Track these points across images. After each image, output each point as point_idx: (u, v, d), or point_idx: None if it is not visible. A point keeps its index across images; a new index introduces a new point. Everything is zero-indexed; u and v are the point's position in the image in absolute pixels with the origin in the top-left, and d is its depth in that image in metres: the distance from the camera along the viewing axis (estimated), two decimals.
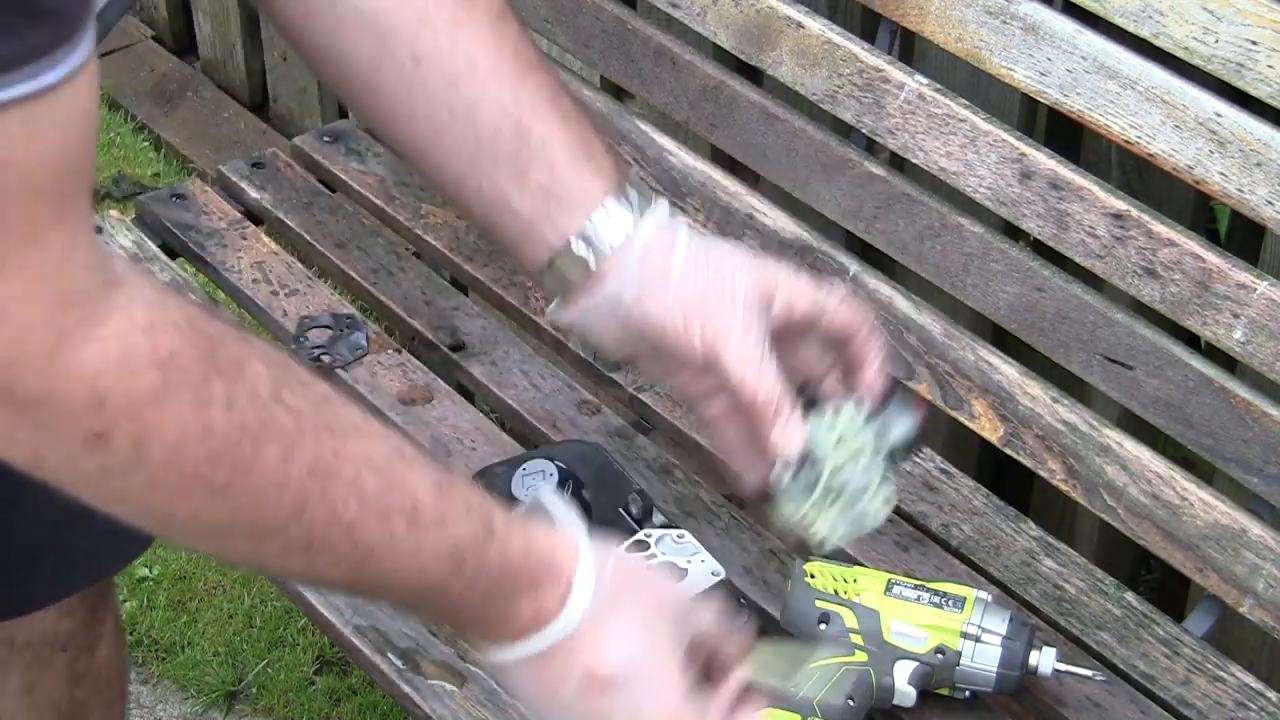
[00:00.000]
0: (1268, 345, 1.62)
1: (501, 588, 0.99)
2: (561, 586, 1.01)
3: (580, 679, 1.02)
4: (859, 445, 1.17)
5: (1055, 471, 1.75)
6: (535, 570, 1.01)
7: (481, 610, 0.99)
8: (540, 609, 1.01)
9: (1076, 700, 1.59)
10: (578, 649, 1.02)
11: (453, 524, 0.96)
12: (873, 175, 1.87)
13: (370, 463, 0.92)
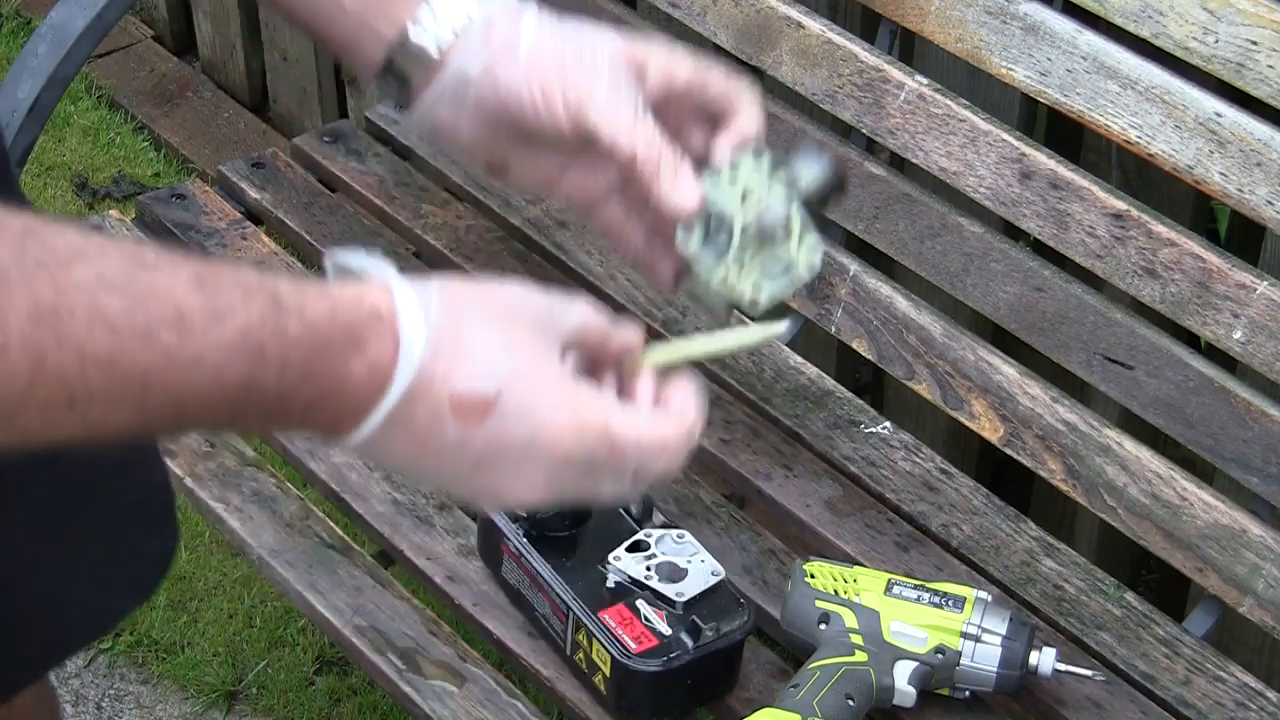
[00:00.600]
0: (1268, 345, 1.62)
1: (320, 359, 0.85)
2: (387, 328, 0.87)
3: (453, 413, 0.88)
4: (768, 196, 1.06)
5: (1055, 471, 1.75)
6: (351, 324, 0.86)
7: (313, 393, 0.85)
8: (375, 362, 0.87)
9: (1076, 700, 1.59)
10: (434, 383, 0.88)
11: (232, 313, 0.82)
12: (873, 175, 1.87)
13: (105, 283, 0.78)
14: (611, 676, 1.54)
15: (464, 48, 1.05)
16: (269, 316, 0.83)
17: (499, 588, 1.67)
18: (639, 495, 1.01)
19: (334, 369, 0.85)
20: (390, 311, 0.87)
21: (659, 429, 0.95)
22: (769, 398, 1.87)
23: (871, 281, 1.87)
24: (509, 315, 0.92)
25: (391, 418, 0.87)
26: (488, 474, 0.92)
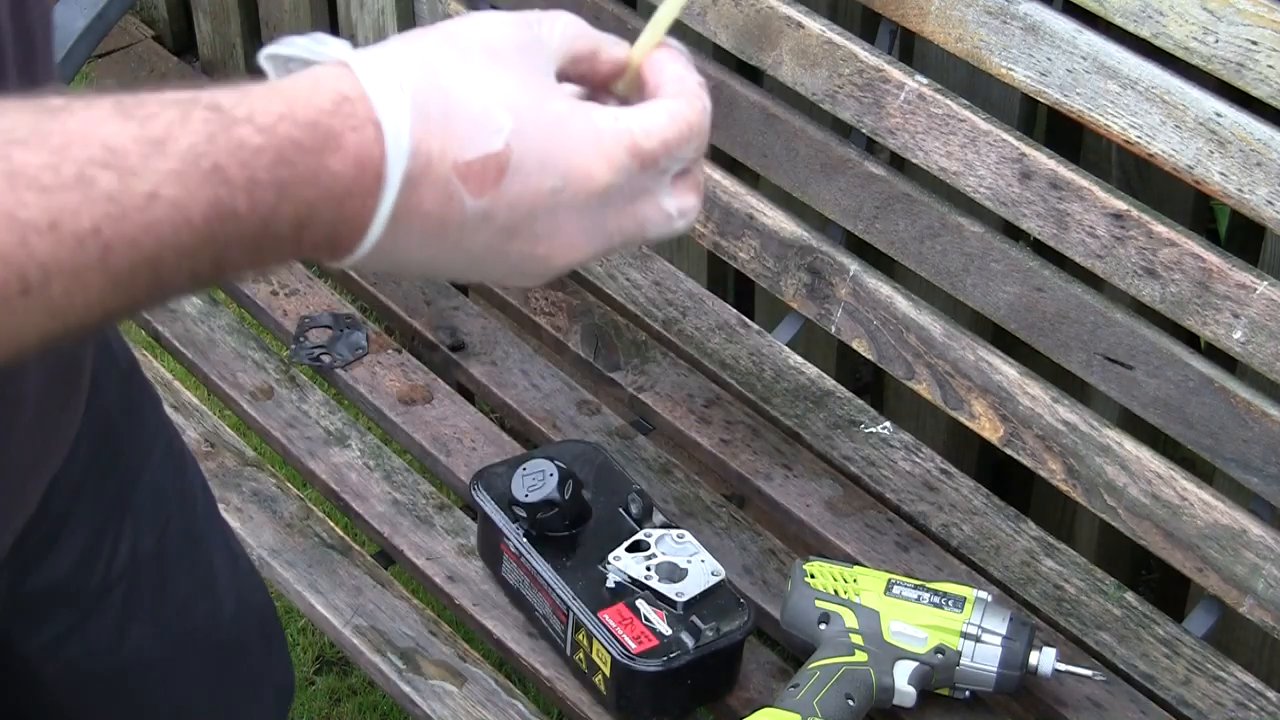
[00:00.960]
0: (1268, 345, 1.62)
1: (292, 167, 0.73)
2: (361, 111, 0.74)
3: (466, 180, 0.76)
4: None
5: (1055, 471, 1.75)
6: (315, 119, 0.73)
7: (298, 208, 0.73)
8: (359, 154, 0.74)
9: (1076, 700, 1.59)
10: (433, 159, 0.75)
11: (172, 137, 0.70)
12: (873, 175, 1.87)
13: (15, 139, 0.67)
14: (611, 676, 1.54)
15: None
16: (217, 131, 0.71)
17: (499, 588, 1.67)
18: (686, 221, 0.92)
19: (312, 174, 0.73)
20: (358, 91, 0.74)
21: (679, 116, 0.86)
22: (769, 398, 1.87)
23: (871, 281, 1.87)
24: (491, 54, 0.79)
25: (397, 214, 0.75)
26: (524, 241, 0.80)
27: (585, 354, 1.92)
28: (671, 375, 1.89)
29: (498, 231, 0.78)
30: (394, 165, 0.74)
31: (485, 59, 0.78)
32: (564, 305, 1.97)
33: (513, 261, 0.81)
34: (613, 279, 1.99)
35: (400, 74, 0.75)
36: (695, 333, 1.94)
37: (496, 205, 0.77)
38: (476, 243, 0.78)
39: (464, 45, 0.78)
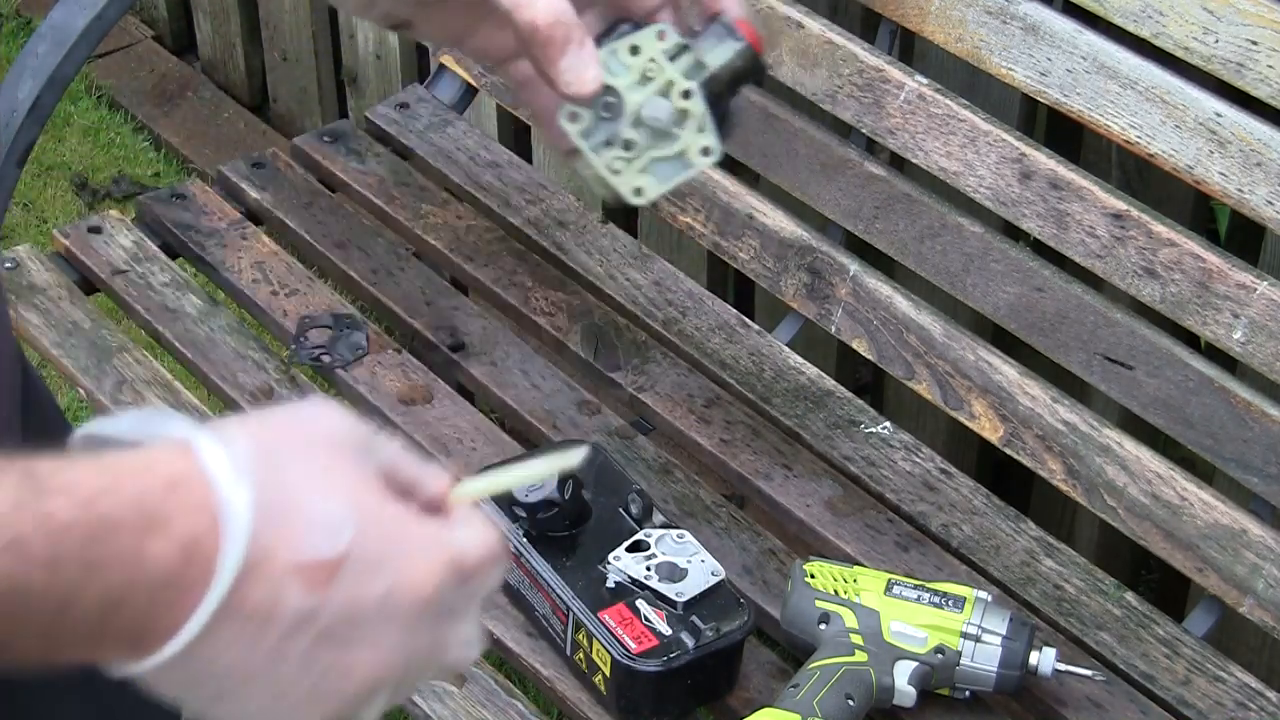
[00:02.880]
0: (1268, 345, 1.62)
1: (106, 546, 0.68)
2: (197, 495, 0.69)
3: (299, 583, 0.71)
4: (666, 80, 0.96)
5: (1055, 471, 1.75)
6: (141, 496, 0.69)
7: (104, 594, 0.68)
8: (188, 540, 0.69)
9: (1076, 700, 1.59)
10: (272, 554, 0.71)
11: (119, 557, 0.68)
12: (873, 175, 1.87)
13: None
14: (611, 676, 1.54)
15: None
16: (26, 499, 0.67)
17: (499, 588, 1.66)
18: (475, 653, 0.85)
19: (129, 556, 0.68)
20: (197, 474, 0.69)
21: (486, 538, 0.80)
22: (769, 398, 1.87)
23: (871, 281, 1.87)
24: (334, 448, 0.75)
25: (221, 609, 0.70)
26: (337, 648, 0.75)
27: (585, 354, 1.92)
28: (671, 375, 1.89)
29: (316, 636, 0.73)
30: (230, 557, 0.69)
31: (329, 453, 0.75)
32: (564, 305, 1.97)
33: (315, 676, 0.74)
34: (613, 279, 1.99)
35: (244, 460, 0.70)
36: (695, 333, 1.94)
37: (323, 606, 0.73)
38: (292, 649, 0.73)
39: (308, 435, 0.75)
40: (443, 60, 2.22)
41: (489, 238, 2.05)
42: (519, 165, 2.15)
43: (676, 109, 0.94)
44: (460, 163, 2.14)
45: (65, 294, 1.98)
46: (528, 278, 2.00)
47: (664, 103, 0.95)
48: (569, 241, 2.04)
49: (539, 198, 2.10)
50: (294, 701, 0.75)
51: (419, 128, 2.18)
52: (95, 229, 2.06)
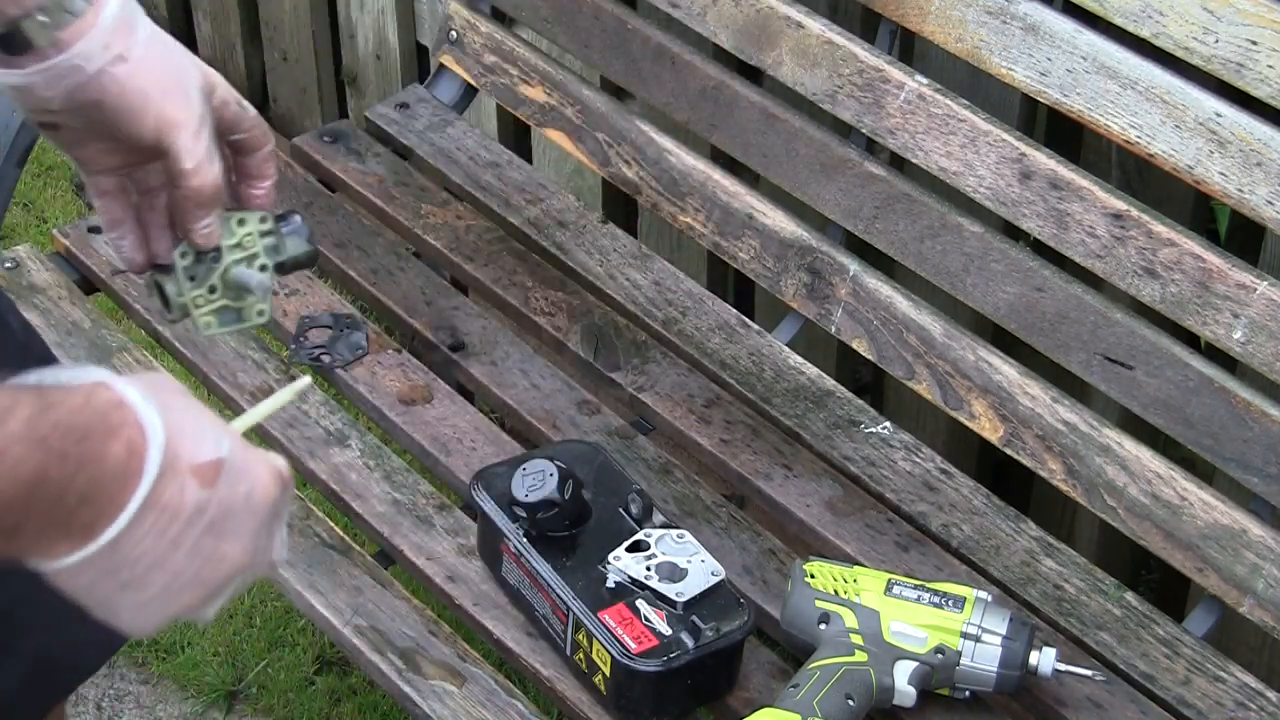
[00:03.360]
0: (1268, 345, 1.62)
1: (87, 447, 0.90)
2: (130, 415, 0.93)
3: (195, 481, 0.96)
4: (255, 252, 1.26)
5: (1055, 471, 1.75)
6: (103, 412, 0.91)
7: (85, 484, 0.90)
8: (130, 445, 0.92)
9: (1076, 700, 1.59)
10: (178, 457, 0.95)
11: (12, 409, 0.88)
12: (873, 175, 1.87)
13: None
14: (611, 676, 1.54)
15: (87, 40, 1.15)
16: (42, 410, 0.88)
17: (499, 588, 1.67)
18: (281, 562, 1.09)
19: (98, 456, 0.90)
20: (126, 400, 0.92)
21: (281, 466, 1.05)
22: (769, 398, 1.87)
23: (871, 281, 1.88)
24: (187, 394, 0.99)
25: (147, 500, 0.93)
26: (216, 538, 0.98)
27: (585, 354, 1.92)
28: (671, 375, 1.89)
29: (204, 527, 0.97)
30: (153, 458, 0.92)
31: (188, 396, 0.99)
32: (564, 305, 1.97)
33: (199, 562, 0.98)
34: (613, 279, 1.99)
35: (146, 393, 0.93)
36: (695, 333, 1.94)
37: (210, 501, 0.96)
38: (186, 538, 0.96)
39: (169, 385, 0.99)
40: (443, 60, 2.22)
41: (489, 238, 2.05)
42: (519, 165, 2.15)
43: (252, 283, 1.25)
44: (460, 163, 2.14)
45: (65, 294, 1.98)
46: (528, 278, 2.00)
47: (249, 271, 1.25)
48: (569, 241, 2.04)
49: (539, 198, 2.10)
50: (180, 586, 0.98)
51: (419, 128, 2.18)
52: (95, 229, 2.06)
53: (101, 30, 1.16)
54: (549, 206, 2.08)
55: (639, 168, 2.03)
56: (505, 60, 2.15)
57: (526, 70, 2.13)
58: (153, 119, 1.18)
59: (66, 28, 1.16)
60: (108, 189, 1.24)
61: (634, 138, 2.04)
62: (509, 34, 2.17)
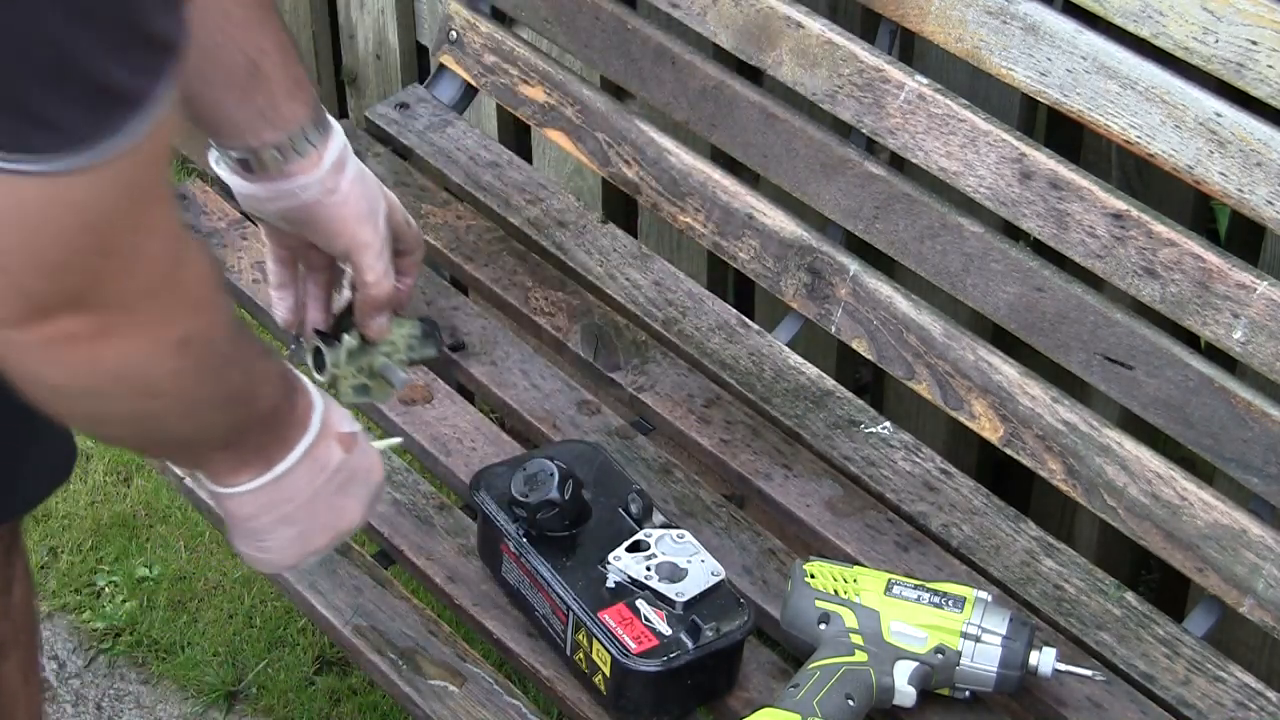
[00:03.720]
0: (1268, 345, 1.62)
1: (290, 398, 1.32)
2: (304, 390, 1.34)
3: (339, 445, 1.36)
4: (399, 349, 1.58)
5: (1055, 471, 1.75)
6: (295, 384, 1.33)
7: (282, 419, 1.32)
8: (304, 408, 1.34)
9: (1076, 700, 1.59)
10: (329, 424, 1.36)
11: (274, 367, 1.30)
12: (873, 175, 1.87)
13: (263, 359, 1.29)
14: (611, 676, 1.54)
15: (309, 178, 1.45)
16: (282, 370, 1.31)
17: (499, 588, 1.67)
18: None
19: (292, 407, 1.32)
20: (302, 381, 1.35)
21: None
22: (769, 398, 1.87)
23: (871, 281, 1.88)
24: None
25: (308, 449, 1.33)
26: (346, 496, 1.39)
27: (585, 354, 1.92)
28: (671, 375, 1.89)
29: (340, 484, 1.37)
30: (316, 416, 1.34)
31: None
32: (564, 305, 1.97)
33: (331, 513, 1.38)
34: (613, 279, 1.99)
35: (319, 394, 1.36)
36: (695, 333, 1.94)
37: (345, 463, 1.37)
38: (326, 489, 1.36)
39: None
40: (443, 60, 2.22)
41: (489, 238, 2.05)
42: (519, 165, 2.15)
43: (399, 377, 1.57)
44: (460, 163, 2.14)
45: None
46: (528, 278, 2.00)
47: (395, 368, 1.57)
48: (569, 241, 2.04)
49: (539, 198, 2.10)
50: (316, 529, 1.38)
51: (419, 128, 2.18)
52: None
53: (321, 170, 1.45)
54: (549, 206, 2.08)
55: (639, 168, 2.03)
56: (505, 60, 2.15)
57: (526, 70, 2.13)
58: (347, 240, 1.48)
59: (294, 164, 1.45)
60: (282, 259, 1.55)
61: (634, 138, 2.04)
62: (509, 34, 2.17)
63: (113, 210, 1.03)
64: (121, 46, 0.96)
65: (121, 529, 2.51)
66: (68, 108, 0.95)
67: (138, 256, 1.06)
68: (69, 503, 2.54)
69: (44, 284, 1.03)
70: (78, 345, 1.07)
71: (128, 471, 2.59)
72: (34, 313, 1.04)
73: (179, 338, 1.13)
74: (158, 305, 1.10)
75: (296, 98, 1.45)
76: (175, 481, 1.80)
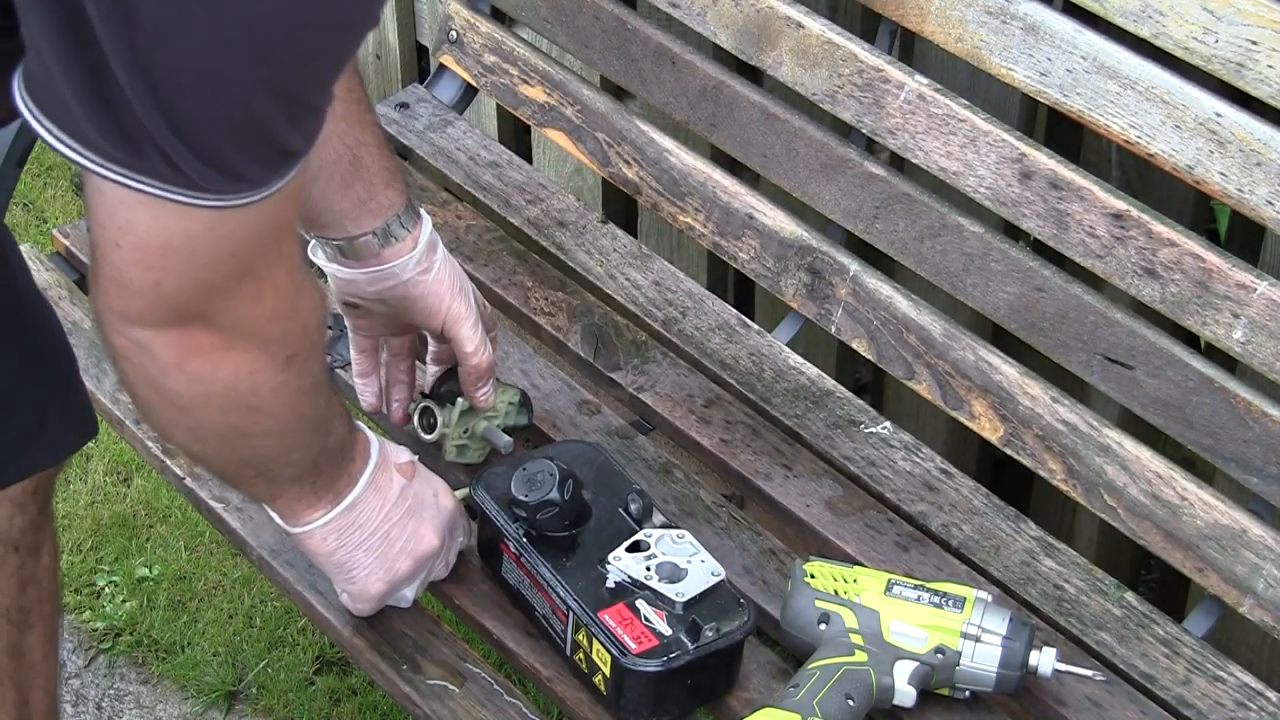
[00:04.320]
0: (1268, 345, 1.62)
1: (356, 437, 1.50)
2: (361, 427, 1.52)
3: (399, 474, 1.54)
4: (498, 413, 1.75)
5: (1055, 471, 1.75)
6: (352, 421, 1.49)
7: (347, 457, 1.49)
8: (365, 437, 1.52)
9: (1076, 700, 1.60)
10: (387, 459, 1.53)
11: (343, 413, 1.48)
12: (873, 175, 1.87)
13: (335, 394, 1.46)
14: (611, 676, 1.54)
15: (405, 260, 1.62)
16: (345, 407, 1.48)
17: (499, 588, 1.67)
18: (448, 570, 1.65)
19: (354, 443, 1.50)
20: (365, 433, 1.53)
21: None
22: (769, 398, 1.87)
23: (871, 281, 1.88)
24: None
25: (371, 480, 1.51)
26: (414, 520, 1.56)
27: (585, 354, 1.92)
28: (671, 375, 1.89)
29: (407, 509, 1.55)
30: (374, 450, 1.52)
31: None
32: (564, 305, 1.97)
33: (406, 536, 1.56)
34: (613, 279, 1.99)
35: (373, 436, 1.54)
36: (695, 333, 1.94)
37: (408, 489, 1.55)
38: (396, 514, 1.54)
39: None
40: (443, 60, 2.22)
41: (489, 238, 2.05)
42: (519, 165, 2.15)
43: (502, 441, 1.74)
44: (460, 163, 2.14)
45: (65, 294, 1.98)
46: (528, 278, 2.00)
47: (499, 433, 1.74)
48: (569, 241, 2.04)
49: (539, 198, 2.10)
50: (396, 554, 1.56)
51: (419, 128, 2.18)
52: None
53: (416, 253, 1.62)
54: (549, 206, 2.08)
55: (639, 168, 2.03)
56: (505, 60, 2.15)
57: (526, 70, 2.13)
58: (443, 315, 1.65)
59: (390, 248, 1.61)
60: (364, 348, 1.72)
61: (634, 138, 2.04)
62: (509, 34, 2.17)
63: (259, 241, 1.19)
64: (300, 118, 1.12)
65: (121, 529, 2.51)
66: (256, 164, 1.12)
67: (266, 285, 1.23)
68: (69, 503, 2.54)
69: (189, 299, 1.20)
70: (202, 355, 1.24)
71: (128, 472, 2.59)
72: (173, 320, 1.21)
73: (287, 356, 1.29)
74: (277, 327, 1.27)
75: (392, 185, 1.61)
76: (175, 482, 1.80)
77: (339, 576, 1.56)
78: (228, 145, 1.10)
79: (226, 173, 1.11)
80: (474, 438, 1.74)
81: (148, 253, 1.16)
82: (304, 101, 1.13)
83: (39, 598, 1.72)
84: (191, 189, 1.11)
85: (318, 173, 1.58)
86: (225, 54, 1.06)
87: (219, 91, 1.07)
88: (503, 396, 1.75)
